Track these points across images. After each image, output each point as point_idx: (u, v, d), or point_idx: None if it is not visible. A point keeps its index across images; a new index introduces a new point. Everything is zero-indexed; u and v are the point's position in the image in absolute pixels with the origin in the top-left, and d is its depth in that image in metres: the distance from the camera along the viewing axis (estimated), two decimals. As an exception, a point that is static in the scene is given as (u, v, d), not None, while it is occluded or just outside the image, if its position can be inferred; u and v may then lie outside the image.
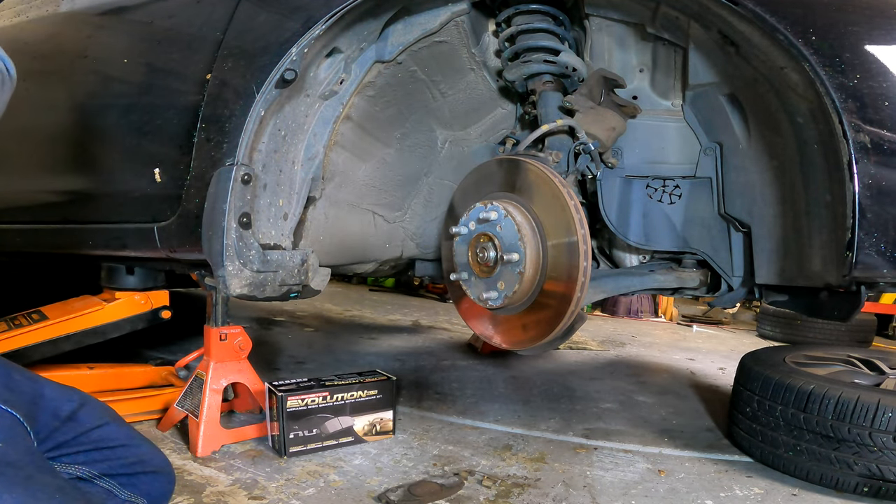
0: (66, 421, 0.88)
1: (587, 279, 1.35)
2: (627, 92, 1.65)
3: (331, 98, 1.56)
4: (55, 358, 2.01)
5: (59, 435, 0.87)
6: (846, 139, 1.13)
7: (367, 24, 1.48)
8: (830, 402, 1.56)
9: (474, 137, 1.96)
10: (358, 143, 1.71)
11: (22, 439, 0.76)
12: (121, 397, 1.89)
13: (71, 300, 2.12)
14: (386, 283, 6.36)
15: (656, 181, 1.71)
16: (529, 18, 1.60)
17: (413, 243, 2.02)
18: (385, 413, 1.83)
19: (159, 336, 2.95)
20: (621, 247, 1.88)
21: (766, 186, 1.48)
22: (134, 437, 0.97)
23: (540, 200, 1.41)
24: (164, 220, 1.55)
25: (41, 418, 0.84)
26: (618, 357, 3.39)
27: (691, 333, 4.64)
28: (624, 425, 2.09)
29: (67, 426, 0.88)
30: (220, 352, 1.78)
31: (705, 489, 1.59)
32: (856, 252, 1.16)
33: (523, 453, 1.79)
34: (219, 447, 1.71)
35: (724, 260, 1.65)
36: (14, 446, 0.72)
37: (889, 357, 2.08)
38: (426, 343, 3.51)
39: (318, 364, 2.83)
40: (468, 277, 1.52)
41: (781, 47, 1.19)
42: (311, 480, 1.54)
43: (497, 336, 1.58)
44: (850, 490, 1.55)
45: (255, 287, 1.44)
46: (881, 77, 1.14)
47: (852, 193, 1.14)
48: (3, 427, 0.74)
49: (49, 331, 1.96)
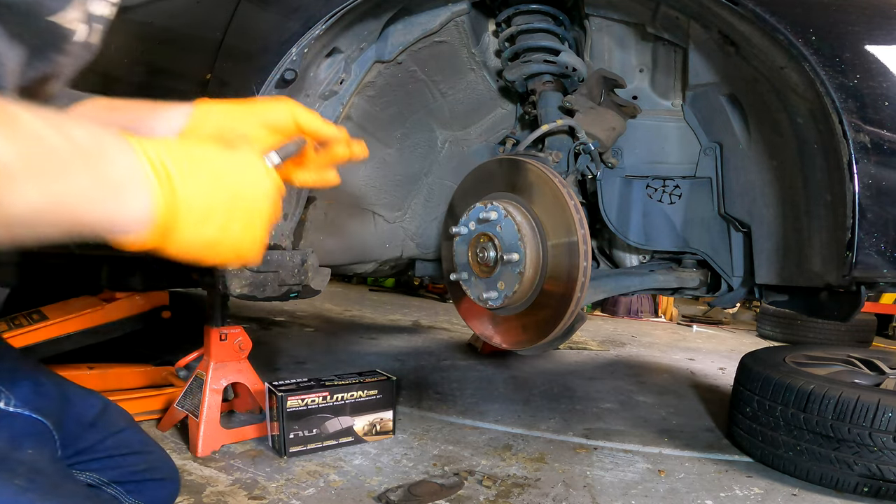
0: (89, 427, 0.88)
1: (587, 279, 1.35)
2: (627, 92, 1.65)
3: (331, 98, 1.56)
4: (55, 358, 2.01)
5: (80, 442, 0.87)
6: (846, 139, 1.13)
7: (367, 24, 1.48)
8: (830, 402, 1.56)
9: (474, 137, 1.96)
10: (358, 143, 1.71)
11: (49, 447, 0.76)
12: (121, 397, 1.89)
13: (71, 300, 2.12)
14: (386, 283, 6.36)
15: (656, 181, 1.71)
16: (529, 18, 1.60)
17: (413, 243, 2.02)
18: (385, 413, 1.83)
19: (159, 336, 2.95)
20: (621, 247, 1.88)
21: (766, 186, 1.48)
22: (147, 444, 0.97)
23: (540, 200, 1.41)
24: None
25: (67, 425, 0.84)
26: (618, 357, 3.39)
27: (691, 333, 4.64)
28: (624, 425, 2.09)
29: (89, 433, 0.88)
30: (220, 352, 1.78)
31: (705, 489, 1.59)
32: (856, 252, 1.16)
33: (523, 453, 1.79)
34: (219, 447, 1.71)
35: (724, 260, 1.65)
36: (42, 454, 0.72)
37: (889, 357, 2.08)
38: (426, 343, 3.51)
39: (318, 364, 2.83)
40: (468, 277, 1.52)
41: (781, 47, 1.19)
42: (311, 480, 1.54)
43: (497, 336, 1.58)
44: (850, 490, 1.55)
45: (255, 287, 1.44)
46: (881, 77, 1.14)
47: (852, 193, 1.14)
48: (34, 435, 0.73)
49: (49, 331, 1.96)
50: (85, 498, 0.70)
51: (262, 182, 0.62)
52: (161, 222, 0.52)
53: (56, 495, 0.66)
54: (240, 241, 0.61)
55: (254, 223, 0.61)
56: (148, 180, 0.51)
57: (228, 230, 0.59)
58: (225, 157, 0.60)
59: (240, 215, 0.60)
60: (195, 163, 0.56)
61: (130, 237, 0.52)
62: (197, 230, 0.56)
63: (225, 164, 0.60)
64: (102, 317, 2.04)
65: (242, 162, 0.62)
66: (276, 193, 0.64)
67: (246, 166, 0.62)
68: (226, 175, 0.59)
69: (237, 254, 0.61)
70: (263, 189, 0.62)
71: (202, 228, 0.56)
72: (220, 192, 0.58)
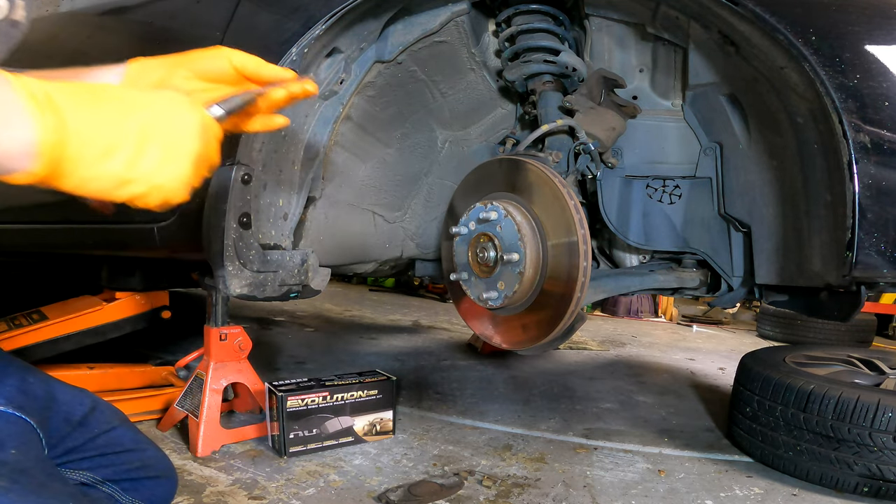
0: (77, 426, 0.88)
1: (587, 279, 1.35)
2: (627, 92, 1.65)
3: (331, 98, 1.56)
4: (55, 358, 2.01)
5: (69, 441, 0.87)
6: (846, 139, 1.13)
7: (367, 24, 1.48)
8: (830, 402, 1.56)
9: (474, 137, 1.96)
10: (358, 143, 1.71)
11: (34, 446, 0.75)
12: (121, 397, 1.89)
13: (71, 300, 2.12)
14: (386, 283, 6.36)
15: (656, 181, 1.71)
16: (529, 18, 1.60)
17: (413, 243, 2.02)
18: (385, 413, 1.83)
19: (159, 336, 2.95)
20: (621, 247, 1.88)
21: (766, 186, 1.48)
22: (140, 442, 0.96)
23: (540, 200, 1.41)
24: (164, 221, 1.55)
25: (53, 424, 0.83)
26: (618, 357, 3.39)
27: (691, 333, 4.64)
28: (624, 425, 2.09)
29: (78, 431, 0.88)
30: (220, 352, 1.78)
31: (705, 489, 1.59)
32: (856, 252, 1.16)
33: (523, 453, 1.79)
34: (219, 447, 1.71)
35: (724, 260, 1.65)
36: (26, 454, 0.71)
37: (889, 357, 2.08)
38: (426, 343, 3.51)
39: (318, 364, 2.83)
40: (468, 277, 1.52)
41: (781, 47, 1.19)
42: (311, 480, 1.54)
43: (497, 336, 1.58)
44: (850, 490, 1.55)
45: (255, 287, 1.44)
46: (881, 77, 1.13)
47: (852, 193, 1.14)
48: (17, 434, 0.73)
49: (49, 331, 1.96)
50: (69, 497, 0.69)
51: (184, 118, 0.60)
52: (48, 154, 0.52)
53: (39, 496, 0.65)
54: (155, 178, 0.59)
55: (172, 159, 0.59)
56: (28, 111, 0.51)
57: (138, 166, 0.58)
58: (137, 95, 0.59)
59: (154, 151, 0.58)
60: (95, 97, 0.56)
61: (19, 171, 0.52)
62: (98, 164, 0.55)
63: (135, 101, 0.59)
64: (102, 317, 2.04)
65: (159, 98, 0.60)
66: (205, 132, 0.63)
67: (163, 102, 0.60)
68: (135, 110, 0.58)
69: (154, 192, 0.60)
70: (185, 125, 0.60)
71: (105, 163, 0.55)
72: (127, 126, 0.57)
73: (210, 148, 0.65)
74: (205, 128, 0.63)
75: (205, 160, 0.64)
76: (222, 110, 0.69)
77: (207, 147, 0.64)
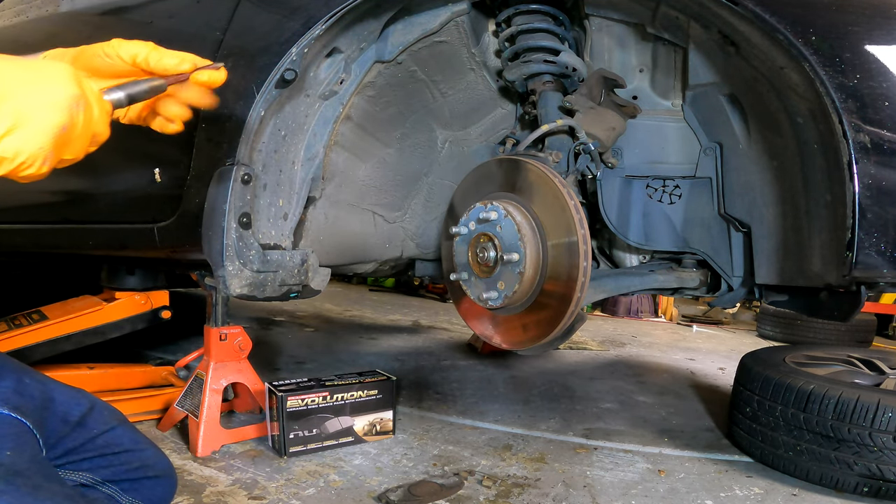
0: (75, 427, 0.87)
1: (587, 279, 1.35)
2: (627, 92, 1.65)
3: (331, 98, 1.56)
4: (55, 358, 2.01)
5: (67, 441, 0.86)
6: (846, 139, 1.13)
7: (367, 24, 1.48)
8: (830, 402, 1.56)
9: (474, 137, 1.96)
10: (358, 143, 1.71)
11: (30, 447, 0.74)
12: (121, 397, 1.89)
13: (71, 300, 2.12)
14: (386, 283, 6.36)
15: (656, 181, 1.71)
16: (529, 18, 1.60)
17: (413, 243, 2.02)
18: (385, 413, 1.83)
19: (159, 336, 2.95)
20: (621, 247, 1.88)
21: (766, 186, 1.48)
22: (139, 442, 0.96)
23: (540, 200, 1.41)
24: (164, 221, 1.55)
25: (50, 424, 0.83)
26: (618, 357, 3.39)
27: (691, 333, 4.64)
28: (624, 425, 2.09)
29: (76, 432, 0.87)
30: (220, 352, 1.78)
31: (705, 489, 1.59)
32: (856, 252, 1.16)
33: (523, 453, 1.79)
34: (219, 447, 1.71)
35: (724, 260, 1.65)
36: (22, 455, 0.70)
37: (889, 357, 2.08)
38: (426, 343, 3.51)
39: (318, 364, 2.83)
40: (468, 277, 1.52)
41: (781, 47, 1.19)
42: (311, 480, 1.54)
43: (497, 336, 1.58)
44: (850, 490, 1.55)
45: (255, 287, 1.44)
46: (881, 77, 1.14)
47: (852, 193, 1.14)
48: (12, 435, 0.72)
49: (49, 331, 1.96)
50: (65, 498, 0.68)
51: (50, 88, 0.56)
52: None
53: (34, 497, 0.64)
54: (6, 152, 0.55)
55: (28, 132, 0.55)
56: None
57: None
58: (4, 62, 0.55)
59: (4, 121, 0.54)
60: None
61: None
62: None
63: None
64: (102, 317, 2.04)
65: (27, 66, 0.56)
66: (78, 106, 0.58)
67: (30, 72, 0.56)
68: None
69: (8, 165, 0.56)
70: (50, 95, 0.56)
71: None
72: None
73: (87, 123, 0.60)
74: (78, 101, 0.58)
75: (77, 136, 0.59)
76: (122, 93, 0.65)
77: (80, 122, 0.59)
